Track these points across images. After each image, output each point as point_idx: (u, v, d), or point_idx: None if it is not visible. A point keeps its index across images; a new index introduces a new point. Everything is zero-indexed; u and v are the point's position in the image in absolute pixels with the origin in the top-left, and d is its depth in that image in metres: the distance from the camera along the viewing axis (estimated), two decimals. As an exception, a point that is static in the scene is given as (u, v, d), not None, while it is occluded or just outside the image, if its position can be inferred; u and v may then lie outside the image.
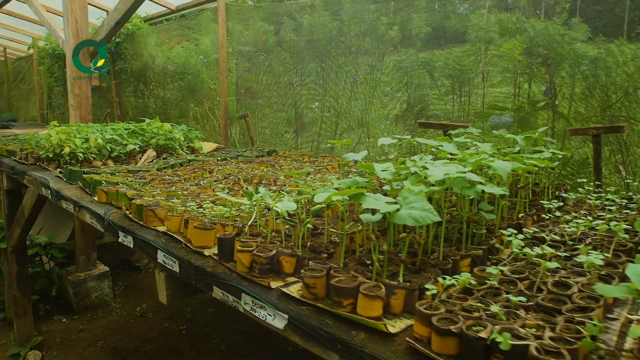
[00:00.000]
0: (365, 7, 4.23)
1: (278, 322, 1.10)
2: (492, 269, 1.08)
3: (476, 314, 0.90)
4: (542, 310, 0.98)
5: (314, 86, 4.77)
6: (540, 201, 1.64)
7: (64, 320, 4.09)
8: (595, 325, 0.84)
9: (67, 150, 2.97)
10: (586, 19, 3.04)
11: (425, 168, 1.30)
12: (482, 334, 0.81)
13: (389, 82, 4.12)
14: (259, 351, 3.50)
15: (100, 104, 7.76)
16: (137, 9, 5.31)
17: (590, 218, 1.46)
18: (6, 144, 4.03)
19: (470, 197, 1.35)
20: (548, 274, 1.14)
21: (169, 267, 1.50)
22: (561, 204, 1.67)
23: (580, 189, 1.98)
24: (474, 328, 0.84)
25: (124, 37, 6.43)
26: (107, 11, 6.22)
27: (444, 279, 0.98)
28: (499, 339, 0.77)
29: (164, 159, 3.29)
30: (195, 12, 5.89)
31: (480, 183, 1.29)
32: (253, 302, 1.17)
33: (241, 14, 4.93)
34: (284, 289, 1.15)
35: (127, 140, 3.33)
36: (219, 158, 3.26)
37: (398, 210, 1.06)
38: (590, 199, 1.75)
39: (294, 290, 1.15)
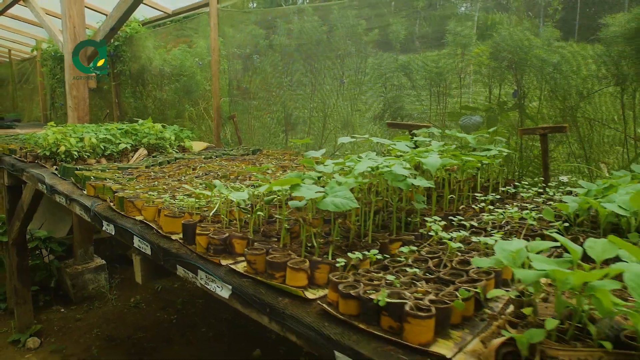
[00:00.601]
0: (351, 13, 4.42)
1: (224, 292, 1.29)
2: (405, 249, 1.27)
3: (376, 282, 1.09)
4: (440, 282, 1.17)
5: (303, 88, 4.96)
6: (476, 194, 1.82)
7: (62, 310, 4.31)
8: (468, 290, 1.03)
9: (62, 148, 3.18)
10: (556, 23, 3.22)
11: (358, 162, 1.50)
12: (373, 296, 1.00)
13: (373, 84, 4.32)
14: (242, 339, 3.71)
15: (102, 105, 8.00)
16: (133, 14, 5.56)
17: (515, 209, 1.65)
18: (8, 143, 4.25)
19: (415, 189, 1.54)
20: (459, 253, 1.32)
21: (142, 250, 1.70)
22: (498, 196, 1.86)
23: (525, 184, 2.16)
24: (369, 292, 1.03)
25: (123, 40, 6.65)
26: (105, 15, 6.43)
27: (354, 254, 1.18)
28: (380, 297, 0.96)
29: (153, 157, 3.50)
30: (191, 16, 6.10)
31: (432, 176, 1.48)
32: (206, 277, 1.37)
33: (233, 19, 5.13)
34: (232, 266, 1.35)
35: (120, 140, 3.54)
36: (205, 156, 3.47)
37: (324, 197, 1.26)
38: (527, 192, 1.93)
39: (240, 267, 1.34)
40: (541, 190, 1.96)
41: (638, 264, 0.85)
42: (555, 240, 1.00)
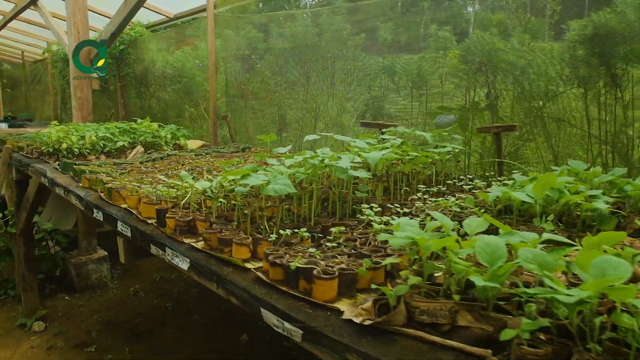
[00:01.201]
0: (339, 19, 4.64)
1: (184, 265, 1.53)
2: (336, 229, 1.49)
3: (300, 254, 1.31)
4: (361, 256, 1.38)
5: (296, 89, 5.19)
6: (418, 186, 2.03)
7: (67, 297, 4.59)
8: (376, 262, 1.25)
9: (64, 145, 3.45)
10: (523, 28, 3.41)
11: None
12: (292, 264, 1.23)
13: (359, 85, 4.53)
14: (232, 326, 3.95)
15: (109, 105, 8.32)
16: (137, 18, 5.83)
17: (448, 198, 1.85)
18: (18, 141, 4.54)
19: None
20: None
21: (124, 233, 1.94)
22: (444, 188, 2.06)
23: (470, 178, 2.35)
24: (290, 261, 1.26)
25: (128, 44, 6.94)
26: (109, 18, 6.73)
27: (284, 231, 1.40)
28: (293, 264, 1.19)
29: (148, 154, 3.75)
30: (191, 20, 6.37)
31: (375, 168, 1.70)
32: (172, 253, 1.60)
33: (229, 23, 5.37)
34: (192, 243, 1.58)
35: (118, 138, 3.80)
36: (196, 153, 3.71)
37: (267, 184, 1.49)
38: (468, 185, 2.14)
39: (200, 244, 1.57)
40: (486, 184, 2.16)
41: (494, 236, 1.06)
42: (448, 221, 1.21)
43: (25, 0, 6.50)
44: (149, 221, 1.86)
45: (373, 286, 1.18)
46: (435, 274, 1.18)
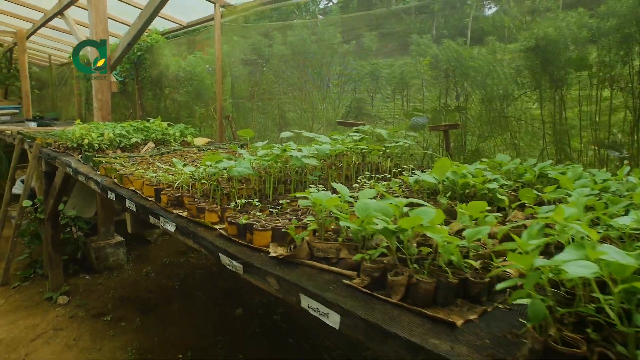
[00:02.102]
0: (332, 28, 5.11)
1: (172, 227, 2.02)
2: (284, 201, 1.96)
3: (252, 216, 1.79)
4: (298, 220, 1.85)
5: (295, 91, 5.68)
6: (365, 172, 2.49)
7: (87, 277, 5.17)
8: (299, 220, 1.72)
9: (86, 141, 4.00)
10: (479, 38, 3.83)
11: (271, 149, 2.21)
12: (239, 220, 1.71)
13: (347, 87, 5.00)
14: (230, 301, 4.46)
15: (128, 105, 8.96)
16: (154, 25, 6.39)
17: (383, 182, 2.31)
18: (46, 138, 5.13)
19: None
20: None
21: (130, 208, 2.45)
22: (389, 175, 2.52)
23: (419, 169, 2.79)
24: (242, 220, 1.74)
25: (145, 50, 7.54)
26: (128, 25, 7.33)
27: (240, 200, 1.88)
28: (240, 220, 1.67)
29: (157, 149, 4.28)
30: (202, 27, 6.91)
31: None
32: (164, 220, 2.10)
33: (234, 32, 5.89)
34: (179, 213, 2.08)
35: (132, 135, 4.34)
36: (199, 149, 4.23)
37: (233, 167, 1.97)
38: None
39: (184, 214, 2.07)
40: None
41: (371, 199, 1.51)
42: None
43: (54, 10, 7.14)
44: (149, 198, 2.37)
45: (297, 237, 1.65)
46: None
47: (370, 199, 1.56)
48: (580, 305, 0.92)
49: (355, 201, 1.54)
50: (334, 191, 1.73)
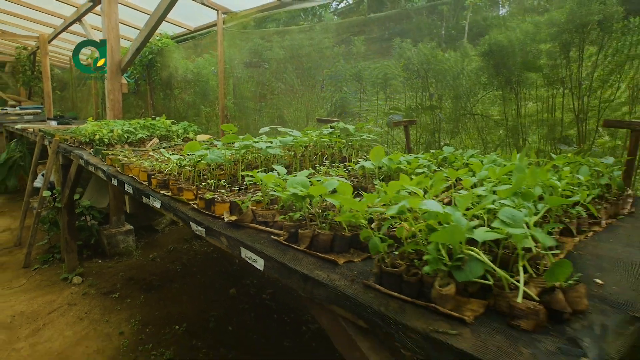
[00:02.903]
0: (323, 34, 5.51)
1: (158, 204, 2.46)
2: (248, 181, 2.38)
3: (219, 194, 2.21)
4: (251, 195, 2.27)
5: (291, 91, 6.10)
6: (325, 160, 2.88)
7: (99, 261, 5.68)
8: (253, 195, 2.13)
9: (97, 137, 4.49)
10: (448, 43, 4.19)
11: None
12: (205, 195, 2.13)
13: (337, 87, 5.39)
14: (226, 283, 4.91)
15: (140, 104, 9.50)
16: (164, 30, 6.89)
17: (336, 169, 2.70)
18: (64, 135, 5.66)
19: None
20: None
21: (129, 191, 2.90)
22: (349, 163, 2.91)
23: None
24: (207, 195, 2.16)
25: (156, 53, 8.06)
26: (138, 29, 7.85)
27: (211, 181, 2.31)
28: (206, 196, 2.09)
29: (160, 144, 4.75)
30: (208, 32, 7.39)
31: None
32: (153, 199, 2.54)
33: (234, 37, 6.35)
34: (165, 193, 2.51)
35: (139, 132, 4.82)
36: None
37: (206, 156, 2.40)
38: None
39: (169, 193, 2.50)
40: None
41: (302, 177, 1.91)
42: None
43: (73, 16, 7.71)
44: (143, 183, 2.82)
45: (244, 206, 2.07)
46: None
47: (306, 177, 1.97)
48: (406, 242, 1.31)
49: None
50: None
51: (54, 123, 9.08)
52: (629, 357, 1.10)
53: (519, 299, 1.06)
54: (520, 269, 1.12)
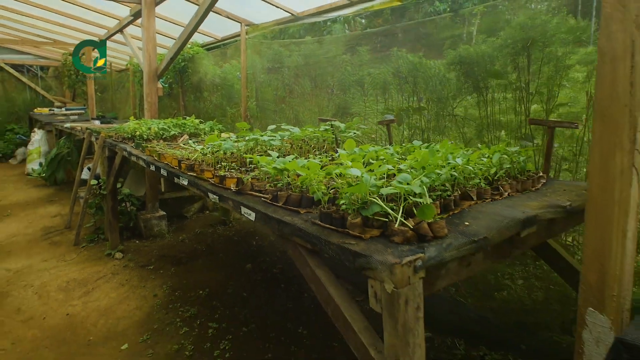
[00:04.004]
0: (335, 46, 6.23)
1: (185, 181, 3.23)
2: (254, 166, 3.12)
3: (230, 173, 2.95)
4: (253, 173, 3.01)
5: (305, 95, 6.84)
6: (316, 150, 3.59)
7: (137, 241, 6.57)
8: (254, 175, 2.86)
9: (137, 133, 5.35)
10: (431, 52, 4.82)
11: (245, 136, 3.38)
12: (219, 173, 2.88)
13: (342, 91, 6.09)
14: (243, 259, 5.69)
15: (174, 106, 10.45)
16: (195, 39, 7.75)
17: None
18: (108, 132, 6.58)
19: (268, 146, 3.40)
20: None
21: (164, 174, 3.70)
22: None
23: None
24: (220, 173, 2.90)
25: (188, 60, 8.96)
26: (174, 39, 8.77)
27: (225, 163, 3.07)
28: (219, 173, 2.84)
29: (190, 139, 5.57)
30: (234, 41, 8.22)
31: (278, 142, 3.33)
32: (182, 178, 3.31)
33: (256, 46, 7.14)
34: (191, 174, 3.28)
35: (172, 129, 5.66)
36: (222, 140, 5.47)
37: (223, 145, 3.15)
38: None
39: (194, 174, 3.27)
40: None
41: (286, 159, 2.63)
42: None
43: (115, 28, 8.70)
44: (175, 167, 3.61)
45: (245, 179, 2.81)
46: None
47: (290, 160, 2.69)
48: (340, 195, 2.01)
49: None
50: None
51: (97, 122, 10.13)
52: (457, 261, 1.78)
53: (396, 225, 1.76)
54: (401, 208, 1.82)
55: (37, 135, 12.07)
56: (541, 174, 2.77)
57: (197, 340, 3.90)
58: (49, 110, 14.31)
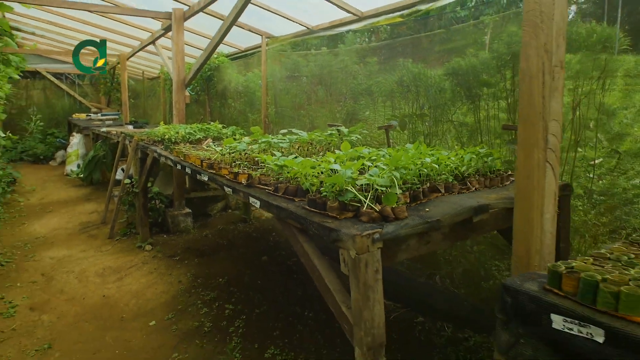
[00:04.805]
0: (348, 56, 6.70)
1: (206, 177, 3.76)
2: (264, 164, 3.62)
3: (243, 169, 3.46)
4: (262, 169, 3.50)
5: (320, 102, 7.34)
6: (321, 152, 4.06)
7: (165, 236, 7.18)
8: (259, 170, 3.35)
9: (166, 137, 5.95)
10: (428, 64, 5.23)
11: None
12: (233, 170, 3.38)
13: (353, 99, 6.55)
14: (261, 253, 6.20)
15: (201, 112, 11.13)
16: (220, 49, 8.38)
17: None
18: (141, 136, 7.24)
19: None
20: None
21: (188, 171, 4.24)
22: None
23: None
24: (235, 170, 3.40)
25: (214, 69, 9.61)
26: (201, 50, 9.42)
27: (239, 162, 3.58)
28: (233, 170, 3.35)
29: (213, 142, 6.14)
30: (255, 51, 8.80)
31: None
32: (202, 175, 3.84)
33: (275, 57, 7.69)
34: (210, 171, 3.80)
35: (197, 133, 6.24)
36: (240, 143, 6.02)
37: (239, 146, 3.66)
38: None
39: (213, 171, 3.79)
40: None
41: (286, 158, 3.10)
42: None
43: (148, 40, 9.42)
44: (197, 166, 4.14)
45: (254, 175, 3.30)
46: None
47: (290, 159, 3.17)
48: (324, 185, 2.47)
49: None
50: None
51: (130, 127, 10.89)
52: (416, 238, 2.22)
53: (364, 208, 2.22)
54: (369, 195, 2.27)
55: (76, 139, 12.99)
56: (510, 172, 3.17)
57: (215, 319, 4.42)
58: (86, 115, 15.28)
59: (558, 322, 1.37)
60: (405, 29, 7.68)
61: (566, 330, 1.35)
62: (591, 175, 3.64)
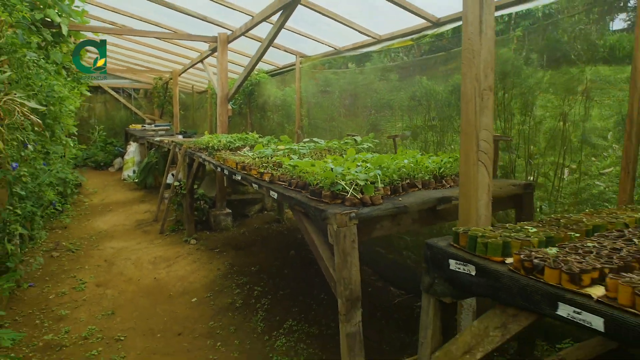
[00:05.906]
0: (373, 74, 7.45)
1: (239, 177, 4.59)
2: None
3: (268, 170, 4.25)
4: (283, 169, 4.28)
5: (349, 115, 8.10)
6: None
7: (207, 232, 8.13)
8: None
9: (210, 144, 6.89)
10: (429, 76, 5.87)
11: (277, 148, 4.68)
12: (259, 170, 4.18)
13: (375, 112, 7.26)
14: (289, 247, 7.00)
15: (243, 123, 12.17)
16: (260, 66, 9.35)
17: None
18: (189, 144, 8.25)
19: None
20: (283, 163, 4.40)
21: (226, 172, 5.10)
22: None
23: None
24: (261, 170, 4.21)
25: (255, 84, 10.60)
26: (242, 67, 10.44)
27: (266, 164, 4.39)
28: (260, 170, 4.15)
29: (249, 150, 7.02)
30: (291, 69, 9.70)
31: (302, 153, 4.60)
32: (236, 175, 4.68)
33: (308, 74, 8.54)
34: (244, 172, 4.64)
35: (236, 142, 7.16)
36: (273, 150, 6.87)
37: (266, 151, 4.47)
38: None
39: (245, 172, 4.62)
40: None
41: (300, 160, 3.86)
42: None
43: (197, 59, 10.56)
44: (233, 168, 5.00)
45: (275, 173, 4.09)
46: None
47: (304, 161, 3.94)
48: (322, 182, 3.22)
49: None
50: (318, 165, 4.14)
51: (180, 137, 12.08)
52: (389, 220, 2.93)
53: (348, 195, 2.95)
54: (353, 186, 3.00)
55: (132, 147, 14.40)
56: (486, 174, 3.79)
57: (245, 297, 5.23)
58: (141, 126, 16.79)
59: (452, 264, 2.05)
60: (417, 51, 8.34)
61: (456, 269, 2.04)
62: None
